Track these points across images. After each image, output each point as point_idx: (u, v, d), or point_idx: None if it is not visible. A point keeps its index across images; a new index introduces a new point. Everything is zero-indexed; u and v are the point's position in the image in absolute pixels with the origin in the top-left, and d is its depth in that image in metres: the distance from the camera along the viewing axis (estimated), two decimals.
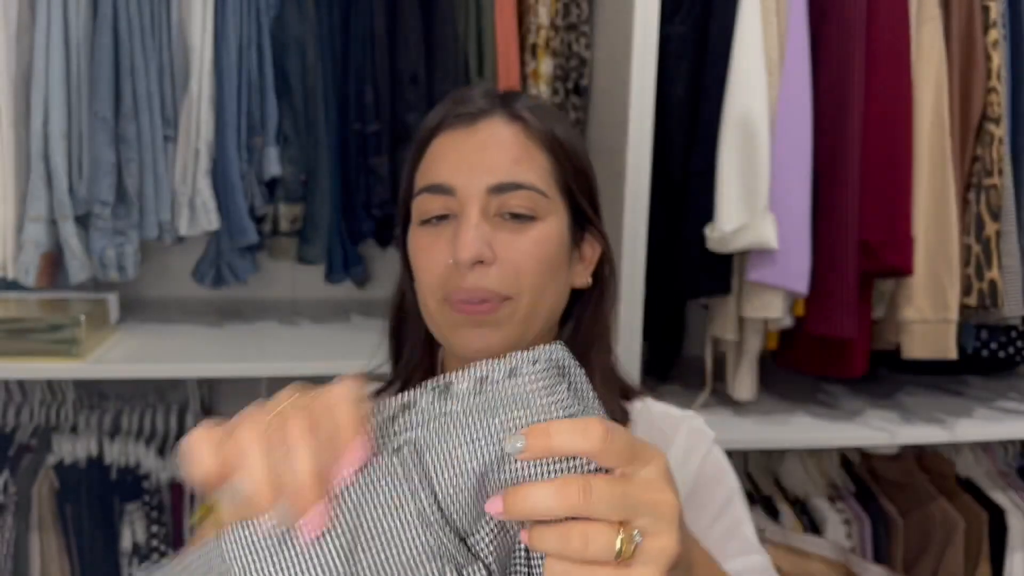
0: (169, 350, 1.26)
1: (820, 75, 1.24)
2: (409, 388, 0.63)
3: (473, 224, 0.65)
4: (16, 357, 1.15)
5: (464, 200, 0.67)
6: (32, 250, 1.21)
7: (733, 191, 1.22)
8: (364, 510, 0.42)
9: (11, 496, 1.35)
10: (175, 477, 1.42)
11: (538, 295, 0.68)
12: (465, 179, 0.67)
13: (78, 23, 1.19)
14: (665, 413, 0.80)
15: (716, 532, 0.71)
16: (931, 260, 1.25)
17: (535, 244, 0.67)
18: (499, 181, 0.67)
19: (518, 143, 0.68)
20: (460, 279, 0.66)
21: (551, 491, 0.40)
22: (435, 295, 0.68)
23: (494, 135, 0.68)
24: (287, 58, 1.29)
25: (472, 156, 0.67)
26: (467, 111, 0.69)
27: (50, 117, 1.19)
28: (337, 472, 0.41)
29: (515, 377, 0.43)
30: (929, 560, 1.45)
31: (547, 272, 0.68)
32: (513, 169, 0.67)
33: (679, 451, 0.76)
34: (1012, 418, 1.46)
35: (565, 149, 0.71)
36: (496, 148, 0.68)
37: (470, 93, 0.72)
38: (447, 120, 0.70)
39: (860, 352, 1.29)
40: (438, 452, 0.42)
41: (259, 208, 1.32)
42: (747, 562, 0.70)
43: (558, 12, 1.39)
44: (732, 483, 0.76)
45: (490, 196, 0.67)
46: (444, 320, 0.68)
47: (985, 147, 1.27)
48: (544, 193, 0.68)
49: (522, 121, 0.69)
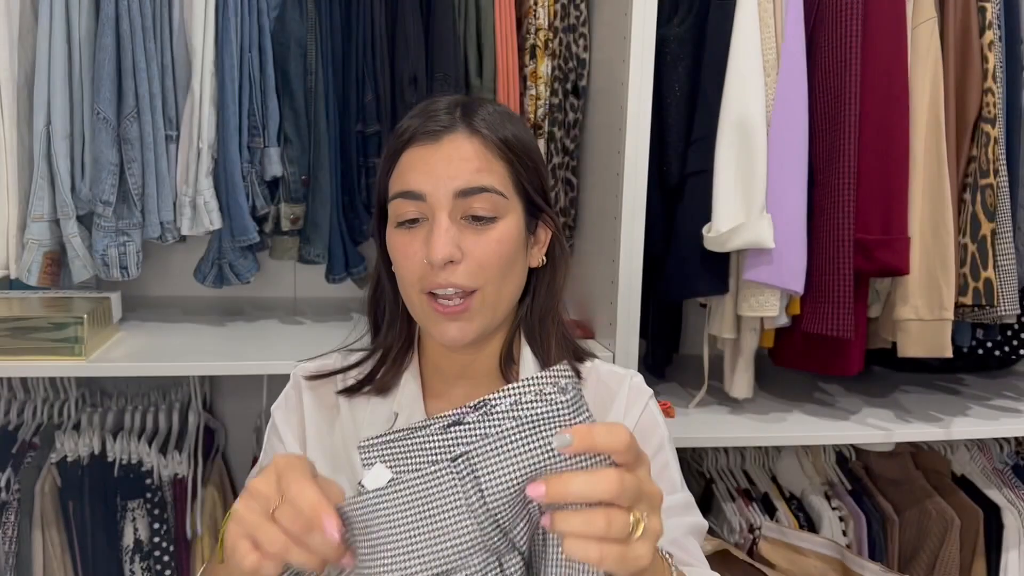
0: (171, 348, 1.27)
1: (816, 76, 1.25)
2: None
3: (444, 228, 0.76)
4: (19, 355, 1.16)
5: (434, 204, 0.77)
6: (35, 249, 1.22)
7: (730, 191, 1.23)
8: (423, 509, 0.53)
9: (14, 493, 1.36)
10: (177, 474, 1.43)
11: (501, 284, 0.80)
12: (433, 186, 0.77)
13: (80, 24, 1.20)
14: (611, 371, 0.91)
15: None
16: (927, 259, 1.26)
17: (497, 243, 0.79)
18: (463, 187, 0.77)
19: (478, 154, 0.79)
20: (434, 276, 0.77)
21: (590, 479, 0.50)
22: (415, 288, 0.80)
23: (457, 149, 0.78)
24: (288, 59, 1.29)
25: (438, 167, 0.78)
26: (432, 128, 0.79)
27: (53, 117, 1.20)
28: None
29: (546, 404, 0.52)
30: (925, 557, 1.46)
31: (507, 264, 0.80)
32: (475, 176, 0.78)
33: (622, 403, 0.87)
34: (1007, 416, 1.47)
35: (517, 152, 0.81)
36: (459, 160, 0.78)
37: (434, 107, 0.82)
38: (416, 136, 0.80)
39: (856, 350, 1.30)
40: (490, 463, 0.52)
41: (260, 208, 1.33)
42: (672, 499, 0.83)
43: (557, 14, 1.40)
44: (663, 432, 0.87)
45: (456, 200, 0.77)
46: (424, 312, 0.80)
47: (981, 147, 1.28)
48: (503, 194, 0.79)
49: (480, 135, 0.80)
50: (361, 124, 1.35)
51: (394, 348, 0.88)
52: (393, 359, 0.88)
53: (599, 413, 0.85)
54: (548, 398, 0.52)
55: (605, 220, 1.30)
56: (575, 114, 1.42)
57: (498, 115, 0.83)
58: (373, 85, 1.34)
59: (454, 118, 0.80)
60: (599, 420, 0.73)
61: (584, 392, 0.56)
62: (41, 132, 1.20)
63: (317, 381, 0.89)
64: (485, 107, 0.83)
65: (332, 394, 0.89)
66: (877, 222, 1.22)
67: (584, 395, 0.55)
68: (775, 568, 1.33)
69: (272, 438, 0.89)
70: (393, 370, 0.87)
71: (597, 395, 0.88)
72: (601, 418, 0.85)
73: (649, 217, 1.24)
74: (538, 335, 0.87)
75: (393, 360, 0.88)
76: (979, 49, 1.27)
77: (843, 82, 1.21)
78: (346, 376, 0.89)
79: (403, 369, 0.88)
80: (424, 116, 0.81)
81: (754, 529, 1.41)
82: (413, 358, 0.88)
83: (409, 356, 0.88)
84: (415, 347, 0.89)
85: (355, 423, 0.87)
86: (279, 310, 1.57)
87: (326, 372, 0.89)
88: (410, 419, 0.84)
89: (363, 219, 1.40)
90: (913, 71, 1.25)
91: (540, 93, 1.41)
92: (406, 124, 0.82)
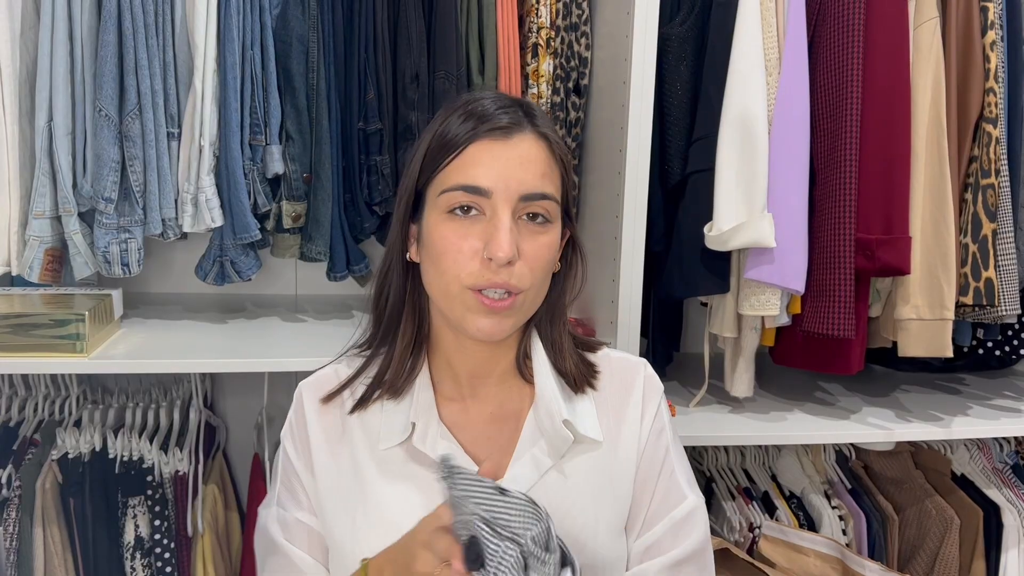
0: (172, 345, 1.27)
1: (818, 75, 1.25)
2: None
3: (507, 227, 0.76)
4: (21, 352, 1.16)
5: (497, 203, 0.77)
6: (36, 246, 1.22)
7: (731, 190, 1.23)
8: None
9: (15, 490, 1.36)
10: (178, 471, 1.43)
11: (541, 287, 0.82)
12: (502, 184, 0.77)
13: (82, 21, 1.20)
14: (622, 360, 0.92)
15: (661, 484, 0.87)
16: (928, 259, 1.26)
17: (548, 247, 0.80)
18: (529, 191, 0.78)
19: (544, 159, 0.80)
20: (491, 274, 0.77)
21: None
22: (459, 281, 0.78)
23: (528, 151, 0.79)
24: (290, 56, 1.29)
25: (509, 166, 0.78)
26: (502, 124, 0.79)
27: (55, 114, 1.20)
28: None
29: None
30: (924, 556, 1.47)
31: (549, 268, 0.83)
32: (540, 182, 0.79)
33: (638, 398, 0.89)
34: (1007, 415, 1.47)
35: (565, 161, 0.84)
36: (530, 163, 0.79)
37: (488, 104, 0.81)
38: (483, 131, 0.79)
39: (856, 349, 1.30)
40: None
41: (262, 205, 1.33)
42: (682, 510, 0.85)
43: (559, 12, 1.40)
44: (669, 435, 0.89)
45: (519, 202, 0.78)
46: (465, 304, 0.79)
47: (982, 147, 1.28)
48: (558, 201, 0.81)
49: (546, 140, 0.81)
50: (363, 122, 1.35)
51: (403, 346, 0.87)
52: (402, 359, 0.86)
53: (615, 406, 0.88)
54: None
55: (606, 218, 1.30)
56: (577, 113, 1.42)
57: (547, 119, 0.85)
58: (375, 83, 1.34)
59: (519, 116, 0.80)
60: (616, 412, 0.87)
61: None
62: (43, 129, 1.20)
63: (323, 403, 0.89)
64: (536, 108, 0.84)
65: (339, 409, 0.88)
66: (878, 221, 1.22)
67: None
68: (775, 567, 1.33)
69: (286, 466, 0.88)
70: (404, 372, 0.86)
71: (611, 388, 0.89)
72: (618, 411, 0.87)
73: (650, 216, 1.25)
74: (550, 333, 0.88)
75: (402, 360, 0.86)
76: (981, 49, 1.27)
77: (845, 82, 1.21)
78: (353, 389, 0.88)
79: (416, 372, 0.87)
80: (480, 113, 0.80)
81: (754, 528, 1.41)
82: (423, 358, 0.87)
83: (420, 357, 0.87)
84: (424, 347, 0.88)
85: (366, 433, 0.86)
86: (280, 308, 1.57)
87: (333, 392, 0.88)
88: (427, 427, 0.83)
89: (364, 217, 1.40)
90: (915, 71, 1.25)
91: (542, 92, 1.41)
92: (459, 119, 0.80)
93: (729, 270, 1.31)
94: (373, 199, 1.39)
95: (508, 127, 0.79)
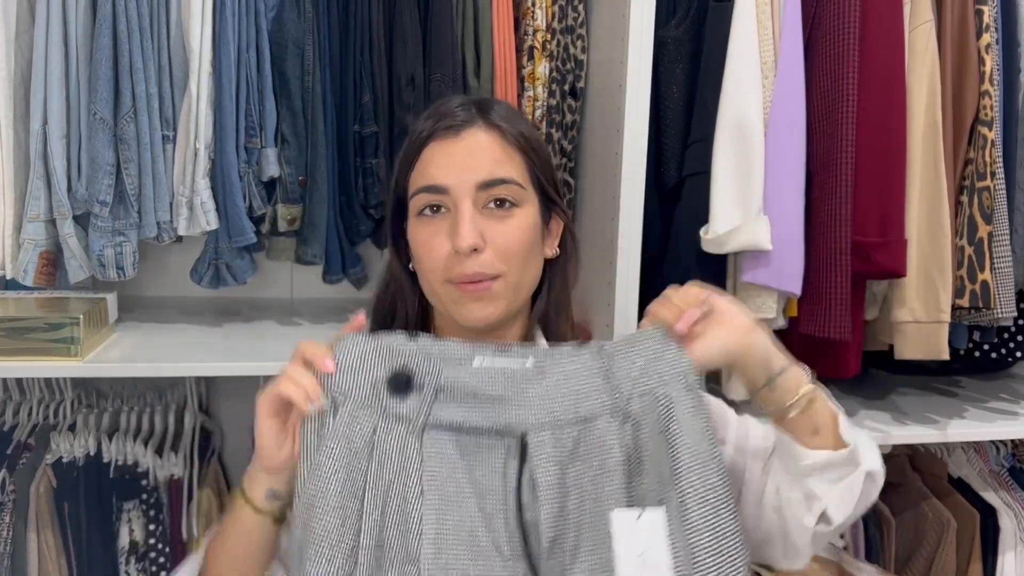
0: (167, 349, 1.26)
1: (814, 78, 1.25)
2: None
3: (468, 217, 0.80)
4: (15, 356, 1.16)
5: (457, 196, 0.81)
6: (31, 249, 1.22)
7: (727, 193, 1.23)
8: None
9: (9, 494, 1.36)
10: (173, 475, 1.42)
11: (522, 270, 0.84)
12: (456, 179, 0.81)
13: (78, 24, 1.20)
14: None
15: None
16: (924, 262, 1.26)
17: (517, 230, 0.83)
18: (485, 178, 0.81)
19: (497, 147, 0.83)
20: (460, 265, 0.80)
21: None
22: (439, 277, 0.82)
23: (477, 142, 0.82)
24: (286, 59, 1.29)
25: (460, 160, 0.81)
26: (451, 124, 0.83)
27: (49, 117, 1.19)
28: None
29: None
30: (921, 559, 1.46)
31: (527, 251, 0.84)
32: (495, 168, 0.82)
33: None
34: (1004, 418, 1.47)
35: (532, 146, 0.86)
36: (480, 152, 0.82)
37: (449, 105, 0.85)
38: (436, 132, 0.83)
39: (853, 352, 1.30)
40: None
41: (257, 208, 1.32)
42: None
43: (555, 15, 1.40)
44: None
45: (478, 192, 0.81)
46: (448, 296, 0.83)
47: (978, 150, 1.28)
48: (521, 185, 0.83)
49: (498, 129, 0.84)
50: (358, 125, 1.35)
51: None
52: None
53: None
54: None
55: (603, 222, 1.30)
56: (573, 116, 1.42)
57: (511, 111, 0.88)
58: (371, 86, 1.34)
59: (471, 114, 0.84)
60: None
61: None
62: (38, 132, 1.20)
63: None
64: (498, 104, 0.88)
65: None
66: (874, 224, 1.22)
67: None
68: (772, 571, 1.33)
69: None
70: None
71: None
72: None
73: (646, 219, 1.24)
74: (555, 327, 0.91)
75: None
76: (976, 52, 1.27)
77: (841, 84, 1.21)
78: None
79: None
80: (439, 114, 0.84)
81: None
82: None
83: None
84: None
85: None
86: (276, 311, 1.56)
87: None
88: None
89: (360, 220, 1.40)
90: (910, 73, 1.25)
91: (538, 94, 1.41)
92: (422, 123, 0.85)
93: (725, 273, 1.31)
94: (369, 202, 1.38)
95: (459, 125, 0.82)
